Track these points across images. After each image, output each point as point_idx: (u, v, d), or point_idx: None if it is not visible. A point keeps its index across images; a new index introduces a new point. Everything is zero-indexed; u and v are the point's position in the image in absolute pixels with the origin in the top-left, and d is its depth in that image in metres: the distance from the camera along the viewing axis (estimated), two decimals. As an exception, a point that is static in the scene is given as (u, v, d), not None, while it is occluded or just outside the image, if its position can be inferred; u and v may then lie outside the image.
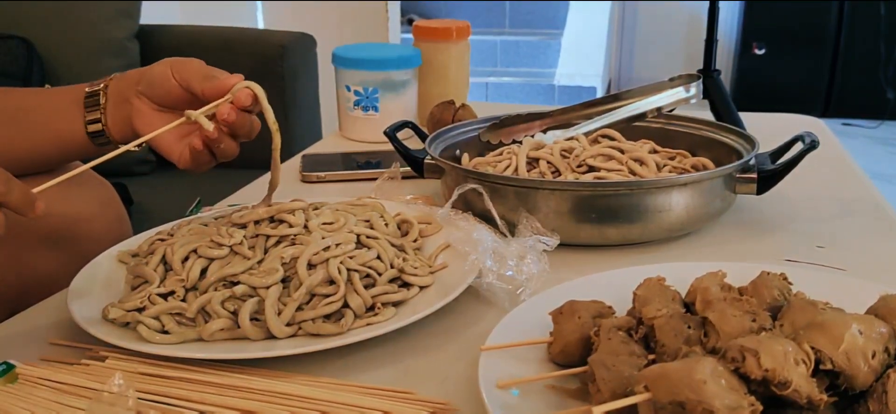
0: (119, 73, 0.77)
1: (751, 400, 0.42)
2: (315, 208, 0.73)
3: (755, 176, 0.82)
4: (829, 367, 0.45)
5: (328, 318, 0.62)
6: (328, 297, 0.63)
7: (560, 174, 0.89)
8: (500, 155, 0.94)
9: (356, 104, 1.25)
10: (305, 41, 1.89)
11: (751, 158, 0.83)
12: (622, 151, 0.90)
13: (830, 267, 0.75)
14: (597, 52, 4.36)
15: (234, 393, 0.55)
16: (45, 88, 0.81)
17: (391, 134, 0.95)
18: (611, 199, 0.79)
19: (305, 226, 0.69)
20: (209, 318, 0.62)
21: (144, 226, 0.82)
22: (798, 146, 0.83)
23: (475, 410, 0.54)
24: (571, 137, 0.94)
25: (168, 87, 0.71)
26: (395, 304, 0.66)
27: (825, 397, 0.43)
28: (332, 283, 0.64)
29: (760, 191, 0.83)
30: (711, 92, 1.17)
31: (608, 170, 0.87)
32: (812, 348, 0.45)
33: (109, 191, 0.88)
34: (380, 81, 1.23)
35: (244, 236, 0.67)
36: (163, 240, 0.71)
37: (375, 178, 0.92)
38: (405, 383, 0.57)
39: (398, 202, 0.84)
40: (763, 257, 0.78)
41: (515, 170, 0.89)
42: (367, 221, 0.74)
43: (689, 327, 0.52)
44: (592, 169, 0.88)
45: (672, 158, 0.93)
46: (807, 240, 0.83)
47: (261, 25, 2.75)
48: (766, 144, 0.88)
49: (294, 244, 0.67)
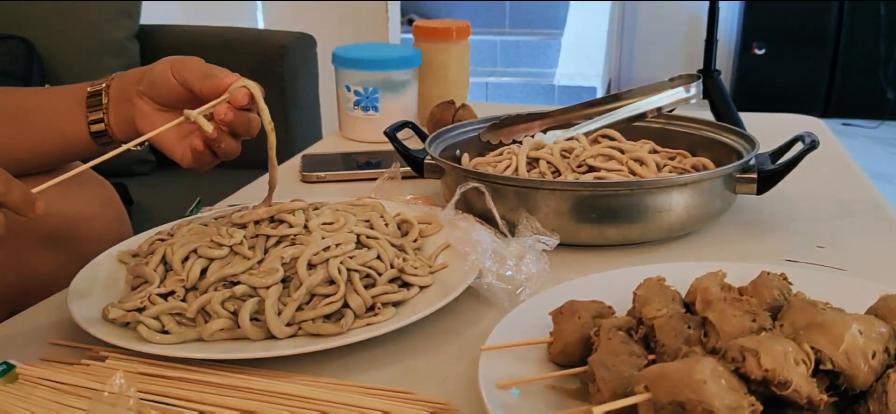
0: (120, 73, 0.77)
1: (751, 400, 0.42)
2: (315, 208, 0.73)
3: (755, 176, 0.82)
4: (829, 367, 0.45)
5: (328, 318, 0.62)
6: (328, 297, 0.63)
7: (560, 174, 0.89)
8: (500, 155, 0.94)
9: (356, 104, 1.25)
10: (305, 41, 1.89)
11: (751, 158, 0.83)
12: (622, 151, 0.90)
13: (830, 267, 0.75)
14: (597, 52, 4.36)
15: (234, 393, 0.55)
16: (46, 88, 0.81)
17: (391, 134, 0.95)
18: (611, 200, 0.79)
19: (305, 226, 0.69)
20: (209, 318, 0.62)
21: (144, 226, 0.82)
22: (798, 146, 0.83)
23: (475, 410, 0.54)
24: (571, 137, 0.94)
25: (168, 87, 0.71)
26: (395, 304, 0.66)
27: (825, 397, 0.43)
28: (332, 283, 0.64)
29: (760, 191, 0.83)
30: (711, 92, 1.17)
31: (608, 170, 0.87)
32: (812, 348, 0.45)
33: (109, 191, 0.88)
34: (380, 81, 1.23)
35: (244, 236, 0.67)
36: (163, 240, 0.71)
37: (375, 179, 0.92)
38: (405, 383, 0.57)
39: (398, 202, 0.84)
40: (763, 257, 0.78)
41: (515, 170, 0.89)
42: (367, 221, 0.74)
43: (689, 327, 0.52)
44: (592, 169, 0.88)
45: (672, 158, 0.93)
46: (807, 240, 0.83)
47: (261, 25, 2.75)
48: (766, 144, 0.88)
49: (294, 244, 0.67)
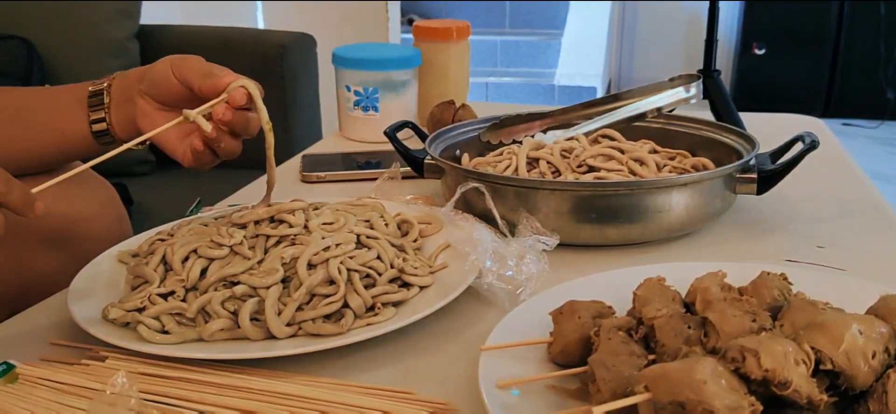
0: (121, 72, 0.77)
1: (751, 400, 0.42)
2: (315, 208, 0.73)
3: (755, 176, 0.82)
4: (830, 367, 0.45)
5: (328, 318, 0.62)
6: (328, 297, 0.63)
7: (560, 174, 0.89)
8: (500, 155, 0.94)
9: (356, 104, 1.25)
10: (305, 41, 1.89)
11: (751, 158, 0.83)
12: (622, 151, 0.90)
13: (830, 267, 0.75)
14: (597, 52, 4.36)
15: (234, 393, 0.55)
16: (47, 88, 0.81)
17: (391, 134, 0.95)
18: (611, 200, 0.79)
19: (305, 226, 0.69)
20: (209, 318, 0.62)
21: (144, 226, 0.82)
22: (798, 146, 0.83)
23: (475, 410, 0.54)
24: (571, 137, 0.94)
25: (169, 86, 0.71)
26: (395, 304, 0.66)
27: (825, 397, 0.43)
28: (332, 283, 0.64)
29: (760, 191, 0.83)
30: (711, 92, 1.17)
31: (608, 170, 0.87)
32: (812, 348, 0.45)
33: (110, 191, 0.88)
34: (380, 81, 1.23)
35: (244, 236, 0.67)
36: (163, 240, 0.71)
37: (375, 178, 0.92)
38: (405, 383, 0.57)
39: (398, 202, 0.84)
40: (763, 257, 0.78)
41: (515, 170, 0.89)
42: (367, 221, 0.74)
43: (689, 327, 0.52)
44: (592, 169, 0.88)
45: (672, 158, 0.93)
46: (807, 240, 0.83)
47: (261, 25, 2.75)
48: (766, 144, 0.88)
49: (294, 244, 0.67)
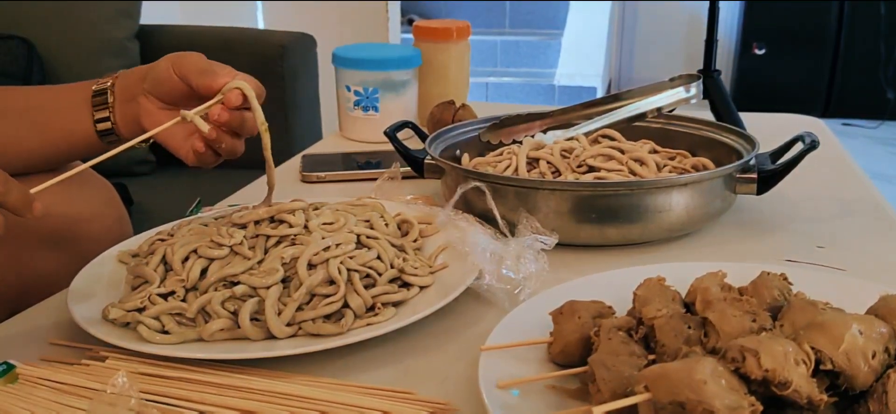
0: (125, 71, 0.77)
1: (751, 400, 0.42)
2: (315, 208, 0.73)
3: (755, 176, 0.82)
4: (830, 367, 0.45)
5: (328, 318, 0.62)
6: (328, 297, 0.63)
7: (560, 174, 0.89)
8: (500, 155, 0.94)
9: (356, 104, 1.25)
10: (305, 41, 1.89)
11: (751, 158, 0.83)
12: (622, 151, 0.90)
13: (830, 267, 0.75)
14: (597, 52, 4.36)
15: (234, 393, 0.55)
16: (51, 87, 0.81)
17: (391, 134, 0.95)
18: (611, 200, 0.79)
19: (305, 226, 0.69)
20: (209, 318, 0.62)
21: (144, 226, 0.82)
22: (798, 146, 0.83)
23: (475, 410, 0.54)
24: (571, 137, 0.94)
25: (170, 84, 0.71)
26: (395, 304, 0.66)
27: (825, 397, 0.43)
28: (333, 283, 0.64)
29: (760, 191, 0.83)
30: (711, 92, 1.17)
31: (608, 170, 0.87)
32: (812, 348, 0.45)
33: (110, 191, 0.88)
34: (380, 81, 1.23)
35: (244, 236, 0.67)
36: (163, 240, 0.71)
37: (375, 179, 0.92)
38: (405, 383, 0.57)
39: (398, 202, 0.84)
40: (763, 257, 0.78)
41: (515, 170, 0.89)
42: (367, 221, 0.74)
43: (689, 327, 0.52)
44: (592, 169, 0.88)
45: (672, 158, 0.93)
46: (807, 240, 0.83)
47: (261, 25, 2.75)
48: (766, 144, 0.88)
49: (294, 244, 0.67)
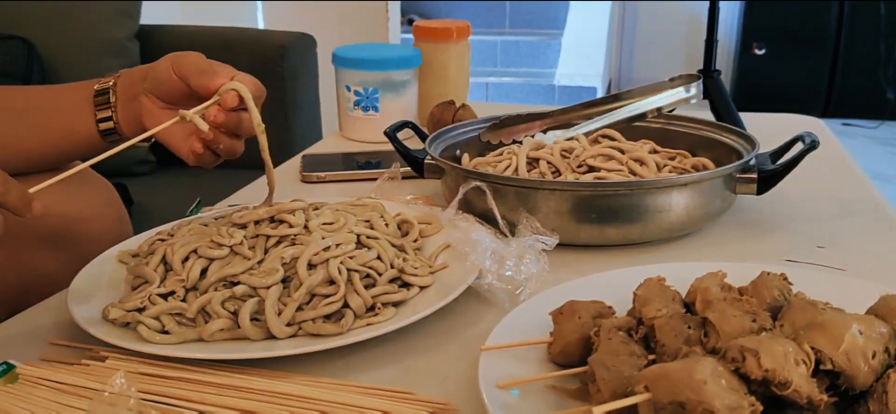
0: (127, 70, 0.77)
1: (751, 400, 0.42)
2: (315, 208, 0.73)
3: (755, 176, 0.82)
4: (830, 367, 0.45)
5: (328, 318, 0.62)
6: (328, 297, 0.63)
7: (560, 174, 0.89)
8: (501, 155, 0.94)
9: (356, 104, 1.25)
10: (305, 41, 1.89)
11: (751, 158, 0.83)
12: (622, 151, 0.90)
13: (830, 267, 0.75)
14: (597, 52, 4.36)
15: (234, 393, 0.55)
16: (53, 86, 0.81)
17: (391, 134, 0.95)
18: (611, 200, 0.79)
19: (305, 226, 0.69)
20: (209, 318, 0.62)
21: (145, 226, 0.82)
22: (798, 146, 0.83)
23: (475, 410, 0.54)
24: (571, 137, 0.94)
25: (170, 84, 0.71)
26: (396, 304, 0.66)
27: (825, 397, 0.43)
28: (333, 283, 0.64)
29: (760, 191, 0.83)
30: (711, 92, 1.17)
31: (608, 170, 0.87)
32: (812, 348, 0.45)
33: (110, 191, 0.88)
34: (380, 81, 1.23)
35: (244, 236, 0.67)
36: (163, 240, 0.71)
37: (375, 179, 0.92)
38: (405, 383, 0.57)
39: (398, 202, 0.84)
40: (763, 257, 0.78)
41: (515, 170, 0.89)
42: (368, 221, 0.74)
43: (690, 327, 0.52)
44: (592, 169, 0.88)
45: (672, 158, 0.93)
46: (807, 240, 0.83)
47: (261, 25, 2.75)
48: (766, 144, 0.88)
49: (294, 244, 0.67)
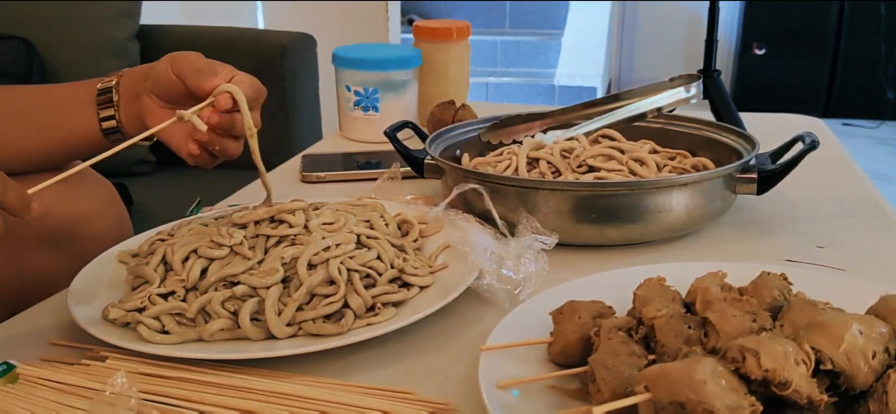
0: (129, 69, 0.77)
1: (751, 400, 0.42)
2: (315, 208, 0.73)
3: (755, 176, 0.82)
4: (830, 367, 0.45)
5: (328, 318, 0.62)
6: (328, 297, 0.63)
7: (560, 174, 0.89)
8: (501, 155, 0.94)
9: (356, 104, 1.25)
10: (305, 41, 1.89)
11: (751, 158, 0.83)
12: (622, 151, 0.90)
13: (830, 267, 0.75)
14: (597, 53, 4.36)
15: (234, 393, 0.55)
16: (55, 85, 0.81)
17: (391, 134, 0.95)
18: (611, 200, 0.79)
19: (305, 226, 0.69)
20: (209, 318, 0.62)
21: (145, 226, 0.82)
22: (798, 146, 0.83)
23: (475, 410, 0.54)
24: (571, 137, 0.94)
25: (169, 83, 0.71)
26: (396, 304, 0.66)
27: (825, 397, 0.43)
28: (333, 283, 0.64)
29: (760, 191, 0.83)
30: (711, 92, 1.17)
31: (608, 170, 0.87)
32: (812, 348, 0.45)
33: (110, 191, 0.88)
34: (380, 81, 1.23)
35: (244, 236, 0.67)
36: (163, 240, 0.71)
37: (375, 179, 0.92)
38: (405, 383, 0.57)
39: (398, 202, 0.84)
40: (763, 257, 0.78)
41: (515, 170, 0.89)
42: (368, 221, 0.74)
43: (690, 327, 0.52)
44: (592, 169, 0.88)
45: (672, 158, 0.93)
46: (807, 240, 0.83)
47: (261, 25, 2.75)
48: (766, 144, 0.88)
49: (294, 244, 0.67)
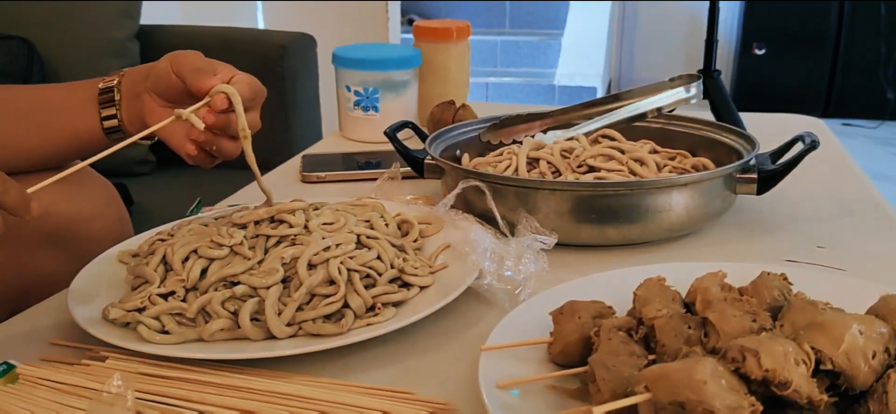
0: (130, 68, 0.77)
1: (751, 400, 0.42)
2: (315, 208, 0.73)
3: (755, 176, 0.82)
4: (830, 367, 0.45)
5: (328, 318, 0.62)
6: (328, 297, 0.63)
7: (560, 174, 0.89)
8: (501, 155, 0.94)
9: (356, 104, 1.25)
10: (305, 41, 1.89)
11: (751, 158, 0.83)
12: (622, 151, 0.90)
13: (830, 267, 0.75)
14: (597, 53, 4.36)
15: (234, 393, 0.55)
16: (57, 85, 0.81)
17: (391, 134, 0.95)
18: (611, 200, 0.79)
19: (306, 226, 0.69)
20: (209, 318, 0.62)
21: (145, 226, 0.82)
22: (798, 146, 0.83)
23: (475, 410, 0.54)
24: (572, 137, 0.94)
25: (169, 83, 0.71)
26: (396, 304, 0.66)
27: (825, 398, 0.43)
28: (333, 283, 0.64)
29: (760, 191, 0.83)
30: (711, 92, 1.17)
31: (608, 170, 0.87)
32: (812, 348, 0.45)
33: (110, 191, 0.88)
34: (380, 81, 1.23)
35: (244, 236, 0.67)
36: (163, 240, 0.71)
37: (375, 179, 0.92)
38: (405, 383, 0.57)
39: (398, 202, 0.84)
40: (763, 257, 0.78)
41: (516, 170, 0.89)
42: (368, 221, 0.74)
43: (690, 327, 0.52)
44: (593, 169, 0.88)
45: (672, 158, 0.93)
46: (807, 240, 0.83)
47: (261, 25, 2.75)
48: (766, 144, 0.88)
49: (294, 244, 0.67)
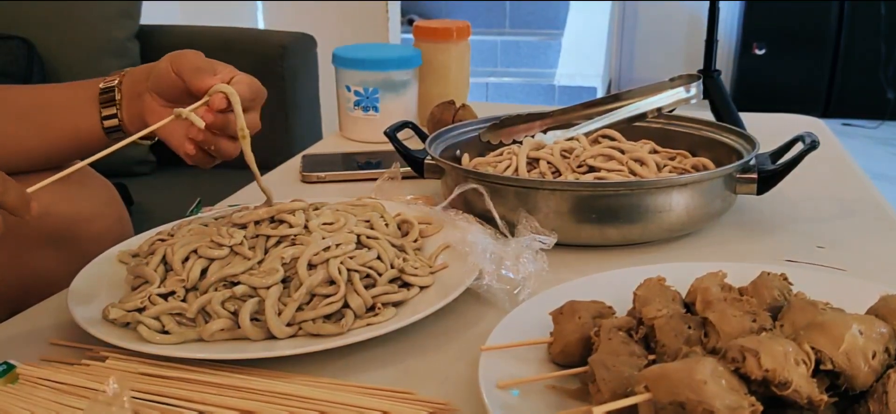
0: (131, 68, 0.77)
1: (751, 400, 0.42)
2: (315, 209, 0.73)
3: (755, 176, 0.82)
4: (830, 367, 0.45)
5: (328, 318, 0.62)
6: (328, 297, 0.63)
7: (560, 174, 0.89)
8: (501, 155, 0.94)
9: (356, 104, 1.25)
10: (305, 41, 1.89)
11: (751, 159, 0.83)
12: (622, 152, 0.90)
13: (830, 267, 0.75)
14: (597, 53, 4.36)
15: (234, 393, 0.55)
16: (58, 84, 0.81)
17: (391, 134, 0.95)
18: (611, 200, 0.79)
19: (306, 226, 0.69)
20: (209, 318, 0.62)
21: (145, 226, 0.82)
22: (798, 146, 0.83)
23: (475, 410, 0.54)
24: (572, 138, 0.94)
25: (170, 82, 0.71)
26: (396, 304, 0.66)
27: (825, 398, 0.43)
28: (333, 283, 0.64)
29: (760, 191, 0.83)
30: (711, 92, 1.17)
31: (608, 170, 0.87)
32: (812, 349, 0.45)
33: (110, 191, 0.88)
34: (380, 82, 1.23)
35: (244, 236, 0.67)
36: (163, 240, 0.71)
37: (375, 179, 0.92)
38: (405, 383, 0.57)
39: (398, 202, 0.84)
40: (763, 257, 0.78)
41: (516, 170, 0.89)
42: (368, 221, 0.74)
43: (690, 327, 0.52)
44: (593, 169, 0.88)
45: (672, 159, 0.93)
46: (807, 240, 0.83)
47: (261, 25, 2.75)
48: (767, 144, 0.88)
49: (294, 244, 0.67)
